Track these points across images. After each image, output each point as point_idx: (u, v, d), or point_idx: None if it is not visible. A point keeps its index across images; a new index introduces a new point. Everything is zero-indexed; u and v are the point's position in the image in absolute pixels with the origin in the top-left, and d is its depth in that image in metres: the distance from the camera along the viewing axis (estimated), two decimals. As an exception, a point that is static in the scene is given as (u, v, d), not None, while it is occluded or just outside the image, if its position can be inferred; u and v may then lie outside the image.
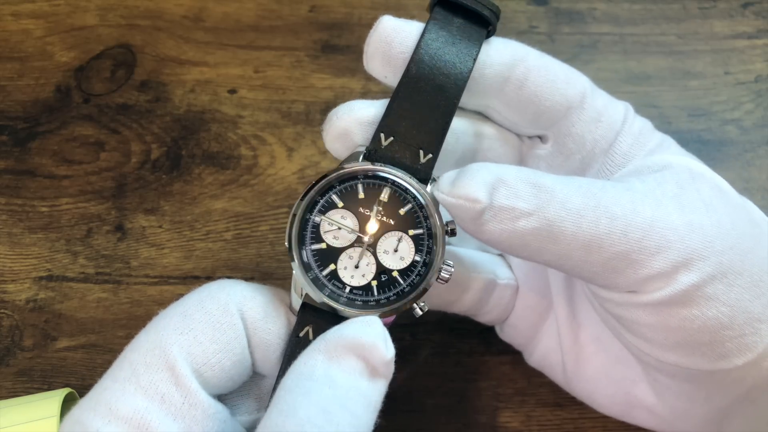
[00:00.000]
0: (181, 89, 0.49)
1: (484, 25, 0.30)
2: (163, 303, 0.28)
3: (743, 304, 0.28)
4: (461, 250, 0.36)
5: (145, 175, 0.46)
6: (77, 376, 0.40)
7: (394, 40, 0.29)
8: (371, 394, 0.25)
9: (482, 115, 0.34)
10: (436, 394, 0.40)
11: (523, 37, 0.51)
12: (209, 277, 0.43)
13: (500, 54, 0.30)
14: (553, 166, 0.34)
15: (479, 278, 0.35)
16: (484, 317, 0.37)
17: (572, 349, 0.35)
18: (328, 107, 0.48)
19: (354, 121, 0.30)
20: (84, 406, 0.25)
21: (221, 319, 0.28)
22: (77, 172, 0.46)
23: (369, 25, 0.30)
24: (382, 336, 0.26)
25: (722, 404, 0.30)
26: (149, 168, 0.46)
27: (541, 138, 0.34)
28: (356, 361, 0.25)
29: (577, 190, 0.28)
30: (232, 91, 0.49)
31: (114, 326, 0.41)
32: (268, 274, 0.43)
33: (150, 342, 0.27)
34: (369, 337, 0.26)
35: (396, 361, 0.29)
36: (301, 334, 0.28)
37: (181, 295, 0.29)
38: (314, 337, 0.27)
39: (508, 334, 0.38)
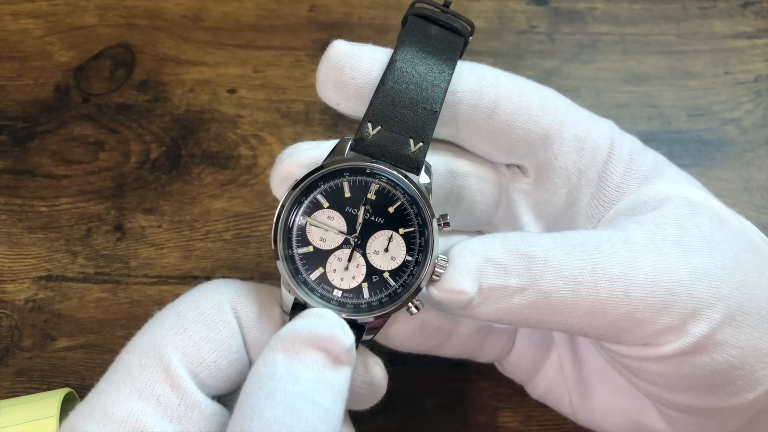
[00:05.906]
0: (180, 89, 0.49)
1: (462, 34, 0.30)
2: (163, 303, 0.28)
3: (753, 343, 0.27)
4: None
5: (145, 175, 0.46)
6: (76, 376, 0.40)
7: (345, 65, 0.28)
8: (337, 383, 0.25)
9: (456, 147, 0.32)
10: (436, 394, 0.40)
11: (523, 37, 0.51)
12: (209, 277, 0.43)
13: (465, 80, 0.29)
14: (539, 202, 0.32)
15: (467, 323, 0.33)
16: (482, 359, 0.35)
17: (577, 385, 0.34)
18: (327, 107, 0.48)
19: (298, 164, 0.28)
20: (80, 410, 0.25)
21: (215, 318, 0.27)
22: (76, 171, 0.46)
23: (369, 25, 0.30)
24: (338, 324, 0.26)
25: (733, 428, 0.30)
26: (148, 168, 0.46)
27: (521, 167, 0.32)
28: (317, 353, 0.25)
29: (570, 252, 0.26)
30: (232, 91, 0.49)
31: (113, 326, 0.41)
32: (268, 274, 0.43)
33: (145, 343, 0.26)
34: (325, 327, 0.25)
35: (395, 362, 0.29)
36: None
37: (181, 295, 0.29)
38: None
39: (509, 371, 0.37)
